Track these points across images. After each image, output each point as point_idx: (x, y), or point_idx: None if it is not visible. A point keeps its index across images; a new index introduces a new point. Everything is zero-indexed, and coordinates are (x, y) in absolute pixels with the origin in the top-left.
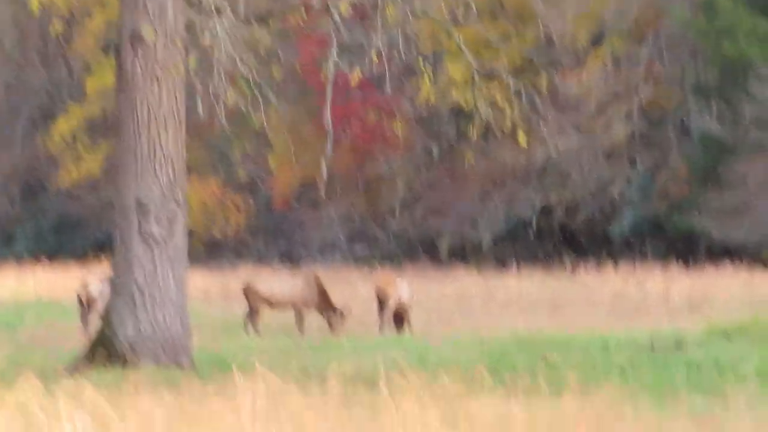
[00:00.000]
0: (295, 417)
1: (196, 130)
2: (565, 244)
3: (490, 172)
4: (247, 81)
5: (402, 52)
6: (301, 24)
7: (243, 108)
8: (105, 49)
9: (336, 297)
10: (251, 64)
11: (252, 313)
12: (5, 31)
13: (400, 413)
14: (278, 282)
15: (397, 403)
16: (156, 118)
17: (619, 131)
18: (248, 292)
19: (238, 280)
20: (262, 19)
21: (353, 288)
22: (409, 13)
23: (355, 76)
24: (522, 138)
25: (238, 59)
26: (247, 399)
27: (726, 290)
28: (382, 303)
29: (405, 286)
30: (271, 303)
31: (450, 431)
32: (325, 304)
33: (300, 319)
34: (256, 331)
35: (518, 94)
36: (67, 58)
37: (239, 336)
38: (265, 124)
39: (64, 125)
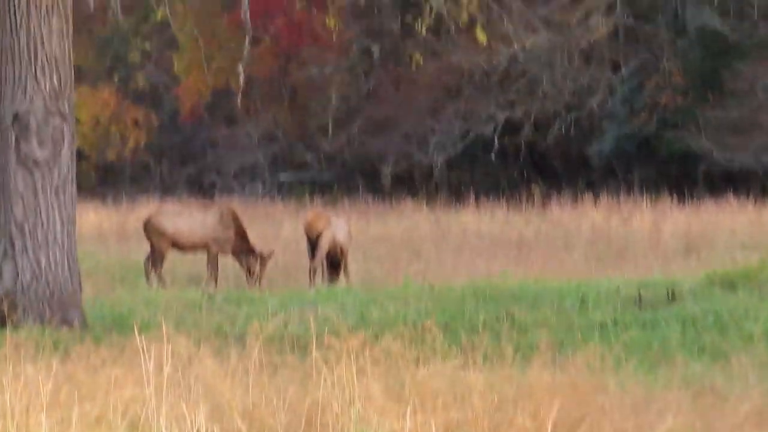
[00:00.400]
0: (209, 387)
1: (85, 26)
2: (533, 170)
3: (442, 78)
4: None
5: None
6: None
7: None
8: None
9: (256, 237)
10: None
11: (155, 257)
12: None
13: (335, 382)
14: (186, 218)
15: (331, 370)
16: (37, 10)
17: (599, 27)
18: (150, 231)
19: (138, 216)
20: None
21: (277, 226)
22: None
23: None
24: (481, 34)
25: None
26: (151, 366)
27: (729, 229)
28: (313, 245)
29: (341, 224)
30: (177, 244)
31: (395, 404)
32: (243, 247)
33: (213, 264)
34: (160, 279)
35: None
36: None
37: (140, 286)
38: (170, 17)
39: None
